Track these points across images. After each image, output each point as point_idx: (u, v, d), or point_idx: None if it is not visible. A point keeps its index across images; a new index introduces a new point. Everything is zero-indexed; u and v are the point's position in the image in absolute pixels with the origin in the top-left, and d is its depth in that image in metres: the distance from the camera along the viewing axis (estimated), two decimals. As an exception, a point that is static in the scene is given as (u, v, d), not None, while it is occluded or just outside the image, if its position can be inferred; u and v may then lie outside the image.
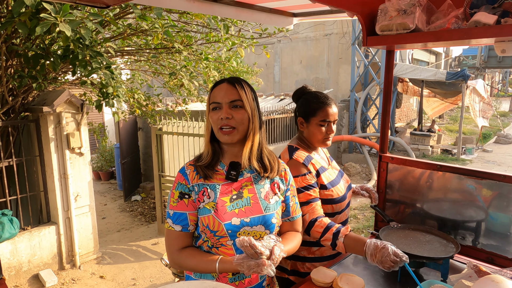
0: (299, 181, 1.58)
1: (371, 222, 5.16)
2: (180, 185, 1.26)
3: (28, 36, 3.03)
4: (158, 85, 4.99)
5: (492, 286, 0.91)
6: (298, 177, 1.59)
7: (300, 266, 1.72)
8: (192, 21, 3.65)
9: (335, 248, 1.49)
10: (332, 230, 1.49)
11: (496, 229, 1.67)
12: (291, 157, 1.64)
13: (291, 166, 1.60)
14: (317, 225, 1.52)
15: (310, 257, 1.71)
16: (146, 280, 3.77)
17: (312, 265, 1.70)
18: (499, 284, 0.91)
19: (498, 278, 0.95)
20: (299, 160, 1.62)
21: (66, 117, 3.79)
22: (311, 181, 1.60)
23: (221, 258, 1.19)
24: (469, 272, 1.10)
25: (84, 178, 4.03)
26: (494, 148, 10.54)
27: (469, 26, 1.42)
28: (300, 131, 1.75)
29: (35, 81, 3.04)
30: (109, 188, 7.33)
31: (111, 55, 3.68)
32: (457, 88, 8.97)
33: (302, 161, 1.62)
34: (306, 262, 1.71)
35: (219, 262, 1.18)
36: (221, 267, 1.17)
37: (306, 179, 1.59)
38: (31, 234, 3.64)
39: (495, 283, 0.92)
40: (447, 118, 16.96)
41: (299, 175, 1.59)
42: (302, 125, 1.71)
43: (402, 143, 8.37)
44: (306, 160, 1.63)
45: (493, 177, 1.66)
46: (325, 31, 11.22)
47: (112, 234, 5.04)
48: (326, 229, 1.50)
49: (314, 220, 1.54)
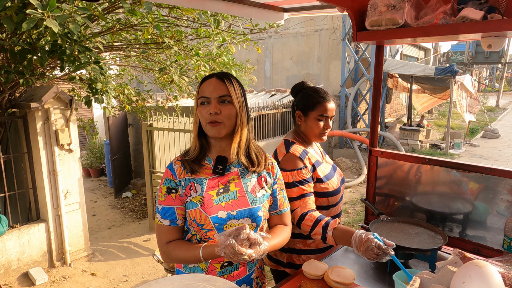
0: (294, 175, 1.60)
1: (362, 216, 5.23)
2: (168, 180, 1.28)
3: (14, 31, 2.97)
4: (148, 81, 4.95)
5: (475, 270, 0.94)
6: (294, 170, 1.61)
7: (296, 259, 1.75)
8: (182, 16, 3.62)
9: (326, 241, 1.52)
10: (321, 223, 1.51)
11: (482, 220, 1.72)
12: (288, 151, 1.65)
13: (288, 160, 1.62)
14: (307, 219, 1.55)
15: (306, 250, 1.74)
16: (138, 277, 3.76)
17: (307, 257, 1.73)
18: (482, 268, 0.94)
19: (481, 263, 0.98)
20: (296, 154, 1.64)
21: (55, 113, 3.74)
22: (306, 176, 1.62)
23: (204, 245, 1.22)
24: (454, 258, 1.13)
25: (74, 175, 3.99)
26: (481, 142, 10.73)
27: (457, 22, 1.44)
28: (297, 125, 1.76)
29: (22, 77, 2.99)
30: (99, 185, 7.26)
31: (100, 51, 3.64)
32: (445, 84, 9.09)
33: (299, 155, 1.64)
34: (301, 254, 1.74)
35: (202, 248, 1.21)
36: (204, 251, 1.20)
37: (301, 173, 1.61)
38: (20, 232, 3.59)
39: (479, 267, 0.95)
40: (436, 113, 17.19)
41: (295, 169, 1.61)
42: (300, 118, 1.73)
43: (391, 138, 8.46)
44: (303, 154, 1.66)
45: (480, 170, 1.69)
46: (315, 27, 11.24)
47: (103, 231, 5.01)
48: (315, 222, 1.53)
49: (304, 214, 1.56)
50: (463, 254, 1.13)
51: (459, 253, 1.14)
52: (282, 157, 1.66)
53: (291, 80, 11.94)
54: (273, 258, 1.82)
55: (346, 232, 1.45)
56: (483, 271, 0.94)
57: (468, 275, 0.94)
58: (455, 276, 0.99)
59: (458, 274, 0.98)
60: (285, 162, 1.64)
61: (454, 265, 1.11)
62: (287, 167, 1.62)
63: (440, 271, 1.07)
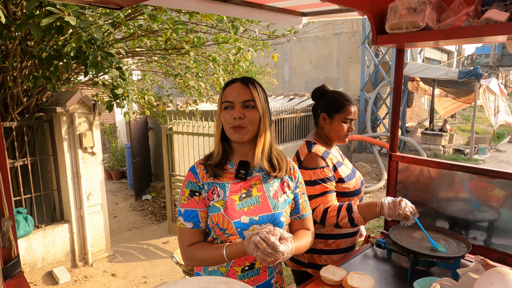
0: (317, 173, 1.63)
1: (381, 223, 5.12)
2: (191, 183, 1.28)
3: (42, 38, 3.09)
4: (169, 86, 5.03)
5: (498, 277, 0.91)
6: (316, 169, 1.64)
7: (317, 259, 1.77)
8: (201, 22, 3.67)
9: (355, 223, 1.55)
10: (344, 207, 1.57)
11: (509, 229, 1.65)
12: (310, 150, 1.69)
13: (310, 159, 1.66)
14: (330, 211, 1.59)
15: (327, 250, 1.75)
16: (156, 278, 3.81)
17: (329, 257, 1.75)
18: (505, 276, 0.91)
19: (504, 270, 0.94)
20: (318, 154, 1.67)
21: (79, 117, 3.85)
22: (329, 174, 1.65)
23: (227, 244, 1.21)
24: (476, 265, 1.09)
25: (96, 177, 4.09)
26: (508, 148, 10.34)
27: (481, 24, 1.41)
28: (320, 127, 1.80)
29: (48, 82, 3.11)
30: (120, 188, 7.42)
31: (122, 56, 3.73)
32: (469, 87, 8.84)
33: (321, 154, 1.67)
34: (323, 254, 1.75)
35: (226, 246, 1.20)
36: (228, 250, 1.19)
37: (324, 171, 1.64)
38: (45, 232, 3.71)
39: (501, 275, 0.92)
40: (460, 118, 16.71)
41: (317, 167, 1.64)
42: (324, 120, 1.76)
43: (413, 143, 8.28)
44: (325, 154, 1.69)
45: (505, 176, 1.63)
46: (334, 31, 11.17)
47: (123, 232, 5.10)
48: (338, 209, 1.58)
49: (327, 208, 1.60)
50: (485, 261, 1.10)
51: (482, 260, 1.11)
52: (304, 156, 1.70)
53: (309, 84, 11.89)
54: (294, 259, 1.85)
55: (369, 205, 1.54)
56: (506, 279, 0.91)
57: (490, 283, 0.91)
58: (476, 283, 0.96)
59: (480, 281, 0.95)
60: (307, 161, 1.67)
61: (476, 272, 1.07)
62: (310, 165, 1.65)
63: (461, 278, 1.04)
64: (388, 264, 1.66)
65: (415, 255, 1.50)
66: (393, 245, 1.63)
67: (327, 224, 1.60)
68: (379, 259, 1.71)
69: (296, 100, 8.23)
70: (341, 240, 1.76)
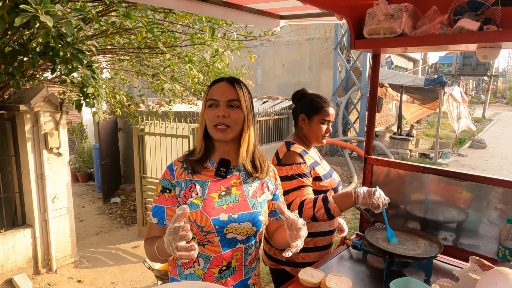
0: (294, 168, 1.68)
1: (353, 224, 5.23)
2: (165, 179, 1.29)
3: (5, 31, 2.91)
4: (141, 86, 4.90)
5: (501, 278, 0.94)
6: (293, 164, 1.69)
7: (295, 257, 1.79)
8: (177, 21, 3.60)
9: (331, 214, 1.57)
10: (320, 198, 1.60)
11: (476, 229, 1.73)
12: (289, 149, 1.74)
13: (288, 156, 1.71)
14: (306, 204, 1.61)
15: (304, 247, 1.76)
16: (126, 284, 3.68)
17: (306, 255, 1.79)
18: (508, 276, 0.94)
19: (506, 270, 0.98)
20: (296, 151, 1.72)
21: (44, 116, 3.66)
22: (305, 170, 1.70)
23: (161, 238, 1.15)
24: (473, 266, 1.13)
25: (62, 179, 3.90)
26: (468, 152, 10.91)
27: (454, 32, 1.46)
28: (299, 128, 1.85)
29: (12, 78, 2.92)
30: (87, 190, 7.14)
31: (93, 54, 3.59)
32: (434, 94, 9.25)
33: (299, 152, 1.73)
34: (300, 252, 1.77)
35: (158, 241, 1.17)
36: (158, 245, 1.16)
37: (300, 167, 1.69)
38: (5, 237, 3.49)
39: (504, 275, 0.95)
40: (424, 123, 17.45)
41: (294, 163, 1.69)
42: (303, 121, 1.81)
43: (382, 147, 8.54)
44: (302, 152, 1.75)
45: (474, 179, 1.71)
46: (307, 36, 11.34)
47: (90, 237, 4.90)
48: (314, 201, 1.60)
49: (303, 201, 1.63)
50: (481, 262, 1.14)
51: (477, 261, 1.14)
52: (283, 155, 1.74)
53: (282, 88, 12.00)
54: (272, 257, 1.86)
55: (344, 195, 1.57)
56: (509, 278, 0.94)
57: (494, 283, 0.94)
58: (479, 284, 0.98)
59: (483, 281, 0.98)
60: (285, 158, 1.72)
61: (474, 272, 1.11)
62: (287, 161, 1.70)
63: (461, 279, 1.06)
64: (363, 265, 1.68)
65: (390, 256, 1.53)
66: (369, 246, 1.65)
67: (304, 216, 1.61)
68: (355, 260, 1.73)
69: (269, 103, 8.27)
70: (318, 238, 1.81)
